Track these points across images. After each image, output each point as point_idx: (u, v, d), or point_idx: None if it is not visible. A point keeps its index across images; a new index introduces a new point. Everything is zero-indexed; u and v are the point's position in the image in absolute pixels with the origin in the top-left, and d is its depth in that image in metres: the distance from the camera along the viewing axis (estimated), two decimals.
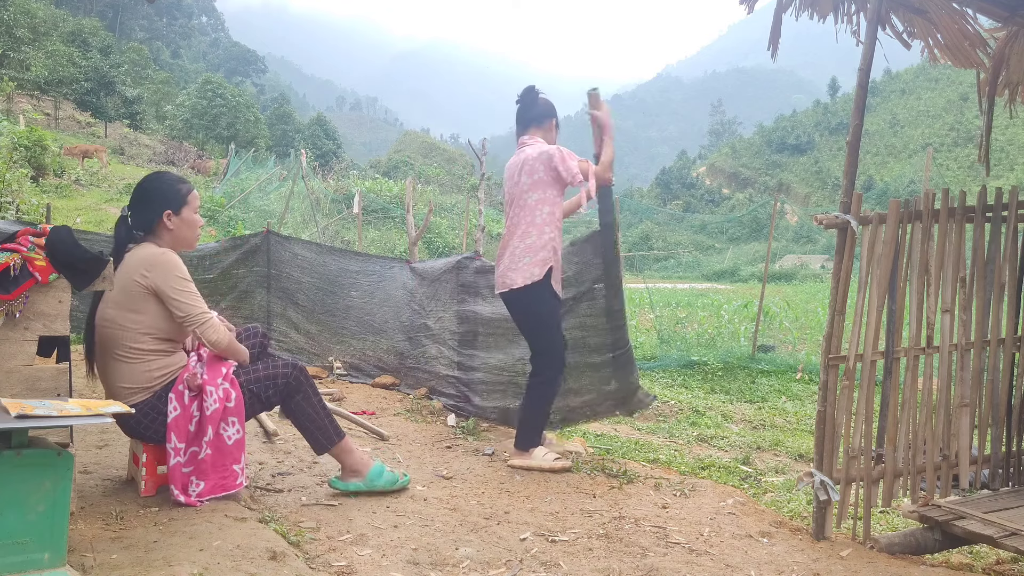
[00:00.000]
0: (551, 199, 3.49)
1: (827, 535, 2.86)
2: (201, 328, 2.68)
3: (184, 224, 2.80)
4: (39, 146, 17.50)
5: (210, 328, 2.70)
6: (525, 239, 3.47)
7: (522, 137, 3.68)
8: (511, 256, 3.51)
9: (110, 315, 2.68)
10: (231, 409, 2.70)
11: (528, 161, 3.50)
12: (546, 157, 3.47)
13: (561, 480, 3.49)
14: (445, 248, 20.11)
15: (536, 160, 3.48)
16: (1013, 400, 3.19)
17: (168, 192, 2.79)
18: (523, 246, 3.47)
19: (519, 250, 3.48)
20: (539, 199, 3.47)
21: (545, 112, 3.69)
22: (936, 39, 3.38)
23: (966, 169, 53.61)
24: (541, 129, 3.67)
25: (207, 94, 42.11)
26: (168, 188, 2.80)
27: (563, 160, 3.45)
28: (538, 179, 3.48)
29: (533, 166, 3.48)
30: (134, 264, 2.67)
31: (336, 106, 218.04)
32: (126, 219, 2.78)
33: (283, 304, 6.44)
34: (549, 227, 3.47)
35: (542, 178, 3.47)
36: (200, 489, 2.64)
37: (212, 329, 2.70)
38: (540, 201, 3.47)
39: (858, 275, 2.91)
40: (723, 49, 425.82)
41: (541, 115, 3.68)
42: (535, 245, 3.46)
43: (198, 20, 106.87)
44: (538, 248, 3.45)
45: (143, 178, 2.90)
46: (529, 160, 3.50)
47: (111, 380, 2.70)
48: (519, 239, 3.49)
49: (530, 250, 3.46)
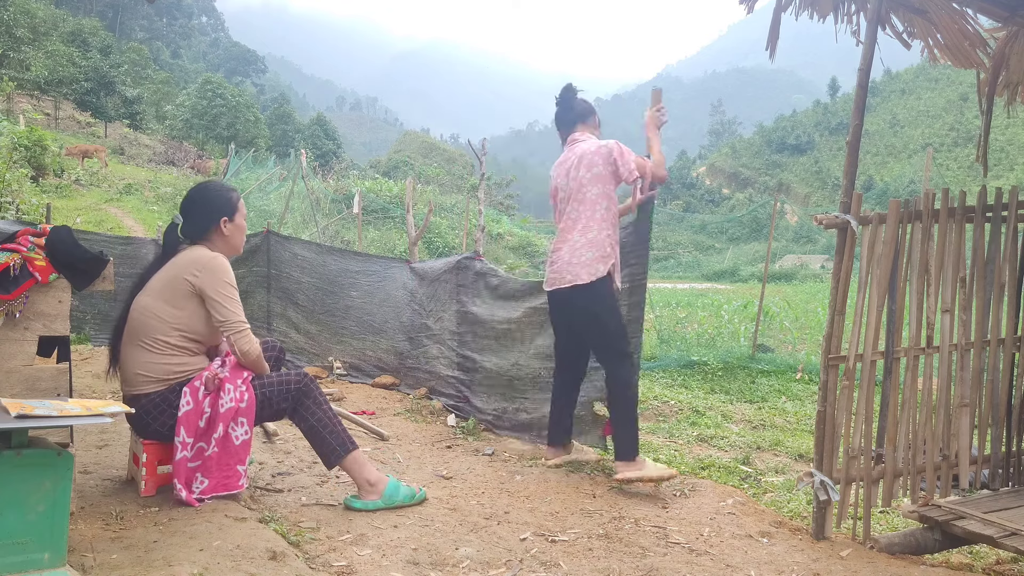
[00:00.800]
0: (609, 194, 3.42)
1: (827, 535, 2.86)
2: (236, 336, 2.73)
3: (238, 230, 2.93)
4: (39, 146, 17.52)
5: (244, 338, 2.75)
6: (586, 233, 3.39)
7: (572, 135, 3.61)
8: (571, 251, 3.40)
9: (147, 303, 2.72)
10: (243, 410, 2.71)
11: (587, 155, 3.42)
12: (605, 151, 3.40)
13: (561, 480, 3.49)
14: (445, 248, 20.12)
15: (595, 154, 3.41)
16: (1013, 400, 3.19)
17: (223, 200, 2.90)
18: (584, 241, 3.38)
19: (580, 244, 3.39)
20: (599, 193, 3.40)
21: (587, 109, 3.65)
22: (936, 39, 3.38)
23: (966, 169, 53.62)
24: (588, 126, 3.62)
25: (207, 94, 42.14)
26: (222, 196, 2.92)
27: (622, 155, 3.38)
28: (597, 173, 3.40)
29: (592, 160, 3.41)
30: (186, 263, 2.74)
31: (336, 106, 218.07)
32: (176, 227, 2.87)
33: (283, 304, 6.44)
34: (608, 223, 3.40)
35: (601, 172, 3.39)
36: (204, 487, 2.65)
37: (246, 340, 2.75)
38: (600, 196, 3.40)
39: (858, 275, 2.91)
40: (723, 49, 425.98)
41: (585, 112, 3.63)
42: (597, 240, 3.37)
43: (198, 20, 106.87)
44: (600, 243, 3.37)
45: (193, 188, 2.99)
46: (588, 154, 3.42)
47: (129, 365, 2.73)
48: (580, 233, 3.40)
49: (592, 245, 3.37)
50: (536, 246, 26.27)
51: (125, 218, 16.60)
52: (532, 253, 25.34)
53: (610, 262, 3.37)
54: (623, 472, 3.33)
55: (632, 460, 3.34)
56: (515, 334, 4.56)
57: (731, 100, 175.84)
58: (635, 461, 3.34)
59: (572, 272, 3.38)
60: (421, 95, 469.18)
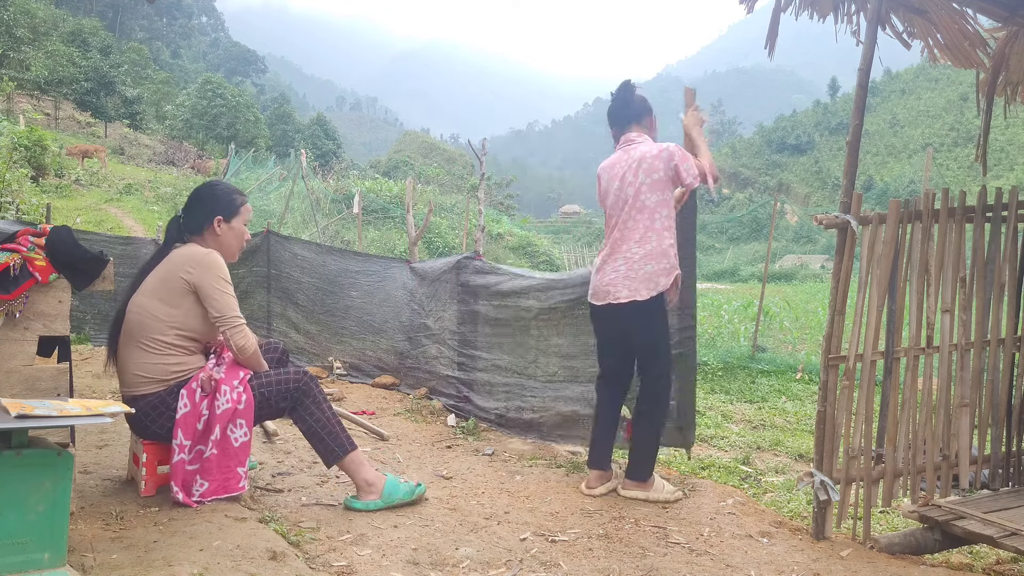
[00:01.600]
0: (668, 201, 3.20)
1: (827, 535, 2.86)
2: (231, 331, 2.72)
3: (232, 233, 2.90)
4: (39, 146, 17.51)
5: (239, 333, 2.74)
6: (644, 244, 3.16)
7: (626, 134, 3.36)
8: (627, 263, 3.17)
9: (143, 303, 2.72)
10: (241, 411, 2.70)
11: (646, 159, 3.19)
12: (667, 155, 3.17)
13: (561, 480, 3.49)
14: (445, 248, 20.11)
15: (656, 158, 3.18)
16: (1013, 400, 3.19)
17: (222, 199, 2.90)
18: (642, 252, 3.15)
19: (637, 257, 3.16)
20: (659, 200, 3.17)
21: (645, 108, 3.41)
22: (936, 39, 3.38)
23: (966, 169, 53.61)
24: (642, 126, 3.38)
25: (207, 94, 42.13)
26: (223, 196, 2.92)
27: (684, 159, 3.17)
28: (658, 179, 3.17)
29: (652, 164, 3.17)
30: (179, 260, 2.74)
31: (336, 106, 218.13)
32: (178, 220, 2.89)
33: (283, 304, 6.44)
34: (668, 232, 3.18)
35: (661, 178, 3.17)
36: (204, 489, 2.64)
37: (241, 334, 2.74)
38: (660, 203, 3.17)
39: (858, 275, 2.91)
40: (723, 49, 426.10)
41: (641, 111, 3.39)
42: (656, 251, 3.15)
43: (198, 20, 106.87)
44: (660, 255, 3.15)
45: (200, 184, 3.01)
46: (648, 158, 3.19)
47: (127, 366, 2.73)
48: (637, 244, 3.17)
49: (651, 257, 3.14)
50: (536, 246, 26.25)
51: (125, 218, 16.60)
52: (532, 253, 25.33)
53: (674, 274, 3.18)
54: (630, 491, 3.23)
55: (644, 481, 3.23)
56: (516, 334, 4.56)
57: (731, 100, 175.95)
58: (646, 483, 3.23)
59: (630, 287, 3.15)
60: (421, 95, 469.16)
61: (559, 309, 4.28)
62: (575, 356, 4.20)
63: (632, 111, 3.38)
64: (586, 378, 4.10)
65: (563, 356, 4.26)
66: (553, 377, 4.30)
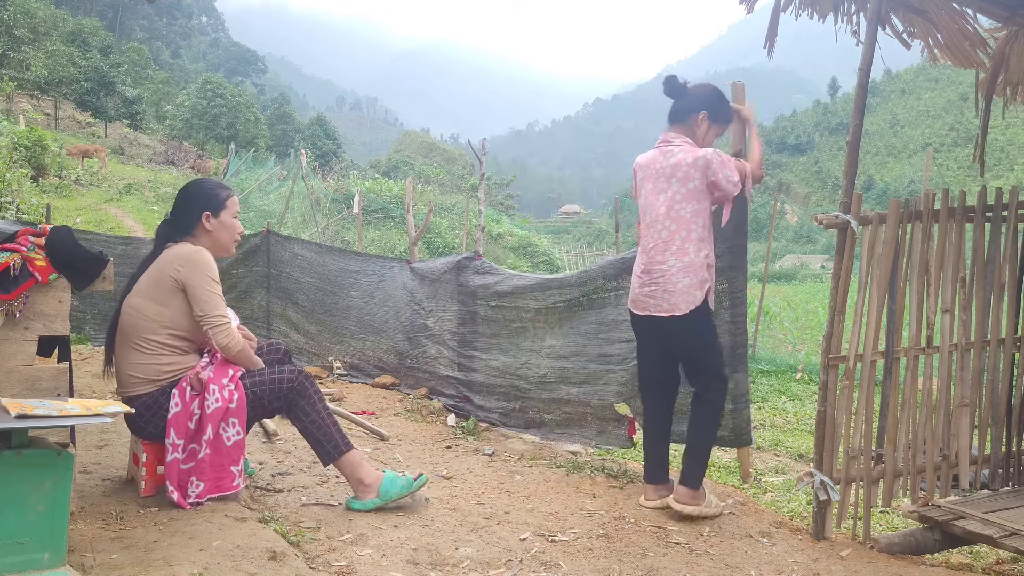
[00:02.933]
0: (705, 211, 3.05)
1: (827, 535, 2.86)
2: (214, 330, 2.72)
3: (223, 227, 2.89)
4: (39, 146, 17.50)
5: (222, 332, 2.73)
6: (681, 257, 3.01)
7: (665, 134, 3.18)
8: (664, 276, 3.03)
9: (136, 303, 2.74)
10: (233, 410, 2.70)
11: (682, 167, 3.02)
12: (703, 163, 2.99)
13: (561, 480, 3.49)
14: (445, 248, 20.11)
15: (692, 167, 3.00)
16: (1013, 400, 3.19)
17: (207, 195, 2.89)
18: (679, 265, 3.01)
19: (675, 270, 3.01)
20: (695, 210, 3.02)
21: (693, 105, 3.13)
22: (936, 39, 3.38)
23: (966, 169, 53.61)
24: (685, 126, 3.14)
25: (207, 94, 42.11)
26: (207, 192, 2.92)
27: (722, 167, 2.98)
28: (693, 188, 3.01)
29: (688, 173, 3.01)
30: (169, 259, 2.75)
31: (336, 106, 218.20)
32: (167, 222, 2.89)
33: (283, 304, 6.44)
34: (706, 243, 3.04)
35: (698, 187, 3.01)
36: (200, 490, 2.64)
37: (224, 333, 2.73)
38: (696, 213, 3.02)
39: (858, 275, 2.91)
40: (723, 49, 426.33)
41: (686, 109, 3.14)
42: (693, 264, 3.00)
43: (198, 20, 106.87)
44: (697, 267, 3.00)
45: (184, 184, 3.01)
46: (683, 166, 3.02)
47: (123, 366, 2.74)
48: (675, 256, 3.02)
49: (688, 270, 3.00)
50: (536, 246, 26.25)
51: (125, 218, 16.59)
52: (532, 253, 25.32)
53: (706, 286, 3.03)
54: (684, 504, 3.02)
55: (697, 489, 3.05)
56: (516, 334, 4.56)
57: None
58: (699, 491, 3.06)
59: (669, 301, 3.03)
60: (421, 95, 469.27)
61: (558, 309, 4.29)
62: (572, 356, 4.21)
63: (676, 108, 3.17)
64: (581, 379, 4.13)
65: (560, 356, 4.26)
66: (550, 377, 4.30)
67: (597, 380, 4.04)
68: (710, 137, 3.14)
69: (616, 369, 3.95)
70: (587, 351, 4.13)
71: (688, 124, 3.13)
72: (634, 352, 3.82)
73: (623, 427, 3.94)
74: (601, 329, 4.07)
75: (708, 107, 3.12)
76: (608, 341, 4.03)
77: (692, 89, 3.18)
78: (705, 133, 3.13)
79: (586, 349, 4.13)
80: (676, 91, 3.17)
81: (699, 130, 3.12)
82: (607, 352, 4.02)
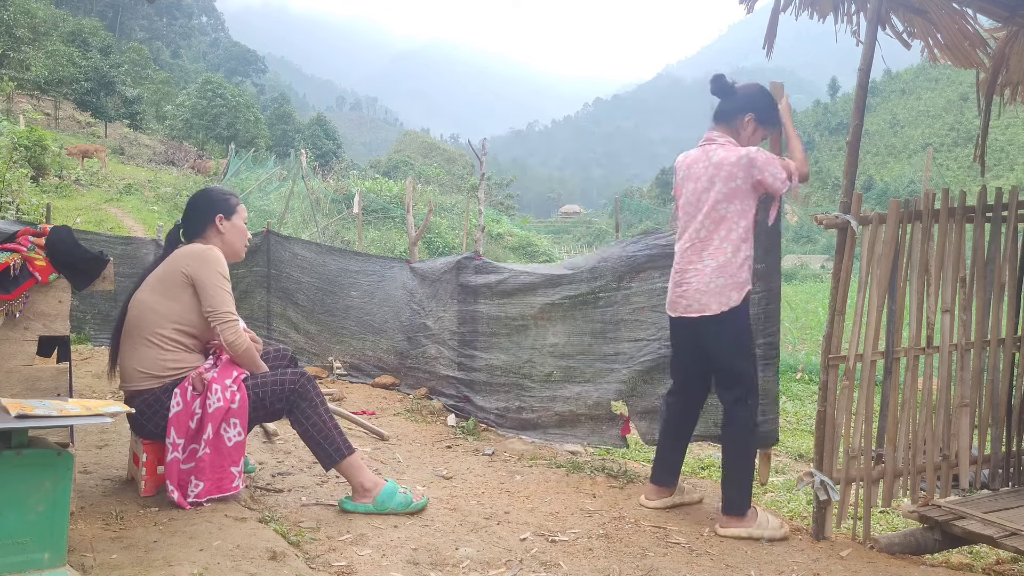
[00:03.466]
0: (748, 211, 2.94)
1: (827, 535, 2.86)
2: (223, 326, 2.74)
3: (235, 229, 2.97)
4: (39, 146, 17.51)
5: (231, 328, 2.75)
6: (718, 256, 2.93)
7: (709, 132, 3.10)
8: (697, 276, 2.96)
9: (144, 298, 2.76)
10: (234, 411, 2.69)
11: (724, 166, 2.92)
12: (746, 162, 2.88)
13: (561, 480, 3.49)
14: (445, 248, 20.10)
15: (735, 166, 2.90)
16: (1013, 400, 3.19)
17: (219, 200, 2.98)
18: (715, 265, 2.93)
19: (710, 270, 2.93)
20: (737, 211, 2.91)
21: (741, 106, 3.04)
22: (936, 39, 3.38)
23: (966, 169, 53.63)
24: (730, 127, 3.05)
25: (207, 94, 42.11)
26: (219, 197, 3.01)
27: (768, 164, 2.87)
28: (736, 187, 2.90)
29: (731, 172, 2.90)
30: (181, 256, 2.79)
31: (336, 106, 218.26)
32: (179, 228, 2.96)
33: (283, 304, 6.44)
34: (746, 244, 2.94)
35: (740, 186, 2.90)
36: (199, 490, 2.64)
37: (232, 330, 2.75)
38: (738, 213, 2.91)
39: (858, 275, 2.91)
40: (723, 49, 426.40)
41: (732, 110, 3.05)
42: (731, 265, 2.91)
43: (198, 20, 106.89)
44: (734, 268, 2.91)
45: (194, 193, 3.09)
46: (726, 165, 2.92)
47: (128, 361, 2.75)
48: (711, 256, 2.94)
49: (723, 270, 2.91)
50: (536, 246, 26.26)
51: (125, 218, 16.60)
52: (532, 253, 25.32)
53: (745, 289, 2.93)
54: (729, 528, 2.89)
55: (743, 515, 2.90)
56: (516, 334, 4.56)
57: None
58: (746, 516, 2.90)
59: (700, 301, 2.94)
60: (421, 95, 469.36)
61: (564, 306, 4.25)
62: (573, 356, 4.20)
63: (721, 108, 3.09)
64: (583, 378, 4.12)
65: (561, 356, 4.26)
66: (551, 377, 4.30)
67: (600, 379, 4.03)
68: (755, 139, 3.07)
69: (621, 368, 3.93)
70: (594, 349, 4.10)
71: (734, 125, 3.04)
72: (642, 351, 3.84)
73: (617, 426, 3.94)
74: (608, 328, 4.03)
75: (755, 109, 3.03)
76: (617, 340, 3.98)
77: (740, 89, 3.10)
78: (751, 135, 3.05)
79: (592, 348, 4.11)
80: (724, 90, 3.09)
81: (745, 132, 3.04)
82: (616, 351, 3.98)
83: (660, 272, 3.75)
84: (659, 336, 3.74)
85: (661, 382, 3.72)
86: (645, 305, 3.86)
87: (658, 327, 3.76)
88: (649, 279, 3.85)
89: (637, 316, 3.89)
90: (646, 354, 3.81)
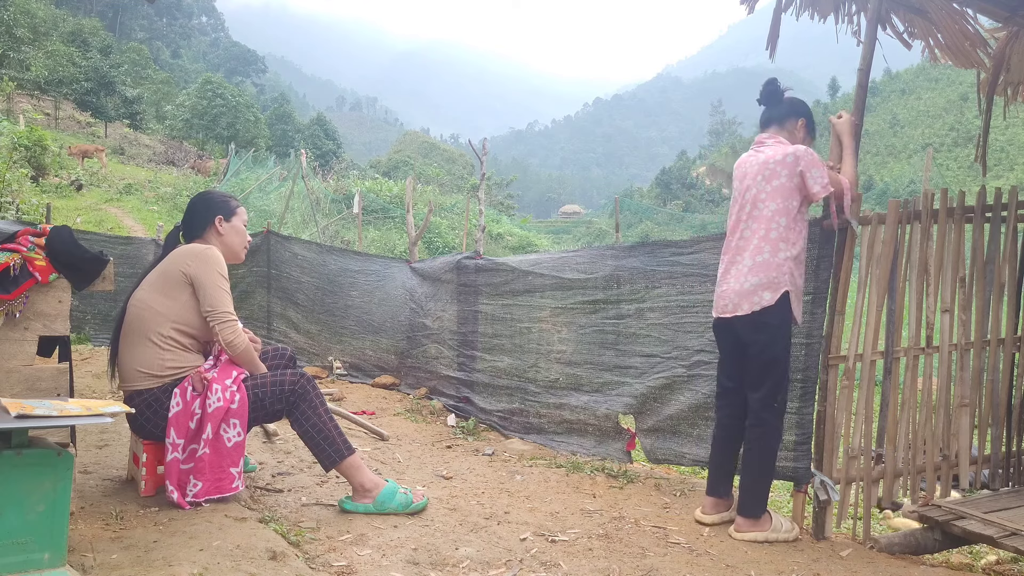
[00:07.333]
0: (792, 210, 2.86)
1: (827, 535, 2.86)
2: (221, 325, 2.75)
3: (234, 231, 2.98)
4: (39, 146, 17.52)
5: (229, 328, 2.76)
6: (757, 256, 2.88)
7: (760, 135, 3.08)
8: (737, 275, 2.93)
9: (143, 296, 2.76)
10: (234, 411, 2.69)
11: (768, 164, 2.90)
12: (791, 159, 2.85)
13: (561, 480, 3.49)
14: (445, 248, 20.11)
15: (779, 163, 2.87)
16: (1013, 400, 3.19)
17: (219, 202, 3.00)
18: (750, 264, 2.89)
19: (747, 268, 2.89)
20: (778, 209, 2.86)
21: (790, 111, 3.03)
22: (936, 39, 3.39)
23: (966, 169, 53.62)
24: (784, 129, 3.02)
25: (207, 94, 42.10)
26: (218, 199, 3.03)
27: (811, 164, 2.83)
28: (778, 185, 2.86)
29: (774, 170, 2.88)
30: (180, 255, 2.80)
31: (336, 106, 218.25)
32: (178, 230, 2.99)
33: (283, 304, 6.44)
34: (785, 243, 2.85)
35: (783, 184, 2.86)
36: (198, 490, 2.64)
37: (231, 330, 2.76)
38: (779, 212, 2.86)
39: (858, 275, 2.91)
40: (723, 49, 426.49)
41: (783, 114, 3.03)
42: (768, 264, 2.84)
43: (198, 20, 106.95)
44: (770, 268, 2.84)
45: (194, 196, 3.10)
46: (770, 163, 2.90)
47: (127, 361, 2.75)
48: (751, 255, 2.90)
49: (760, 269, 2.85)
50: (536, 246, 26.25)
51: (125, 218, 16.60)
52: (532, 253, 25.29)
53: (781, 290, 2.83)
54: (745, 531, 2.87)
55: (757, 518, 2.88)
56: (516, 335, 4.55)
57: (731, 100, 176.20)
58: (760, 519, 2.88)
59: (734, 301, 2.92)
60: (421, 95, 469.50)
61: (575, 311, 4.18)
62: (579, 364, 4.14)
63: (773, 112, 3.06)
64: (591, 388, 4.06)
65: (566, 363, 4.22)
66: (557, 383, 4.27)
67: (610, 391, 3.98)
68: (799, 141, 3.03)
69: (632, 383, 3.86)
70: (603, 360, 4.03)
71: (787, 128, 3.02)
72: (655, 368, 3.78)
73: (623, 441, 3.93)
74: (621, 340, 3.95)
75: (807, 115, 3.04)
76: (628, 353, 3.91)
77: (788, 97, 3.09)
78: (802, 140, 3.02)
79: (602, 358, 4.04)
80: (775, 96, 3.07)
81: (798, 135, 3.01)
82: (627, 364, 3.92)
83: (677, 290, 3.69)
84: (673, 355, 3.68)
85: (673, 401, 3.67)
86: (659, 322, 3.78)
87: (672, 345, 3.69)
88: (665, 296, 3.76)
89: (650, 332, 3.82)
90: (659, 371, 3.74)
